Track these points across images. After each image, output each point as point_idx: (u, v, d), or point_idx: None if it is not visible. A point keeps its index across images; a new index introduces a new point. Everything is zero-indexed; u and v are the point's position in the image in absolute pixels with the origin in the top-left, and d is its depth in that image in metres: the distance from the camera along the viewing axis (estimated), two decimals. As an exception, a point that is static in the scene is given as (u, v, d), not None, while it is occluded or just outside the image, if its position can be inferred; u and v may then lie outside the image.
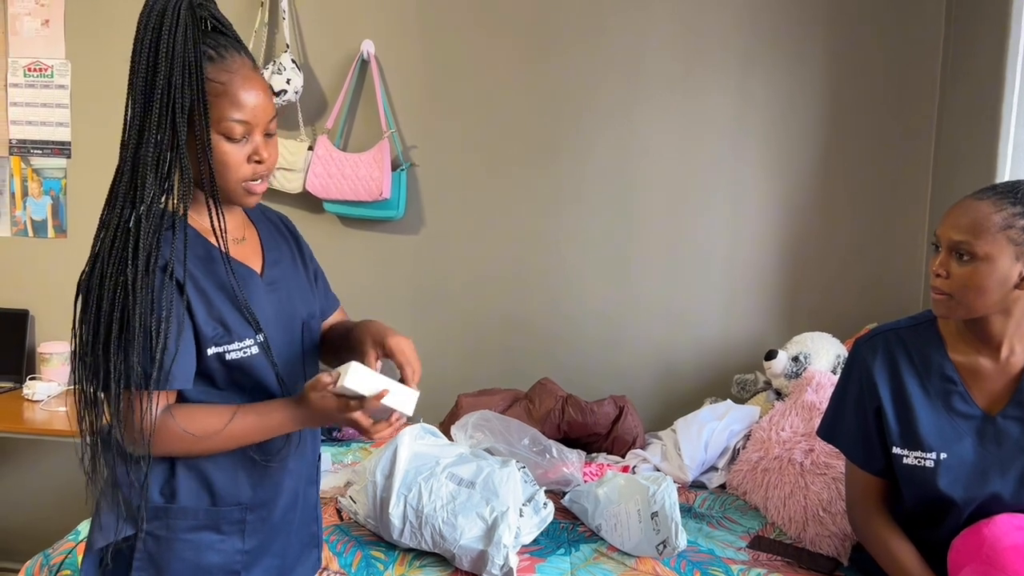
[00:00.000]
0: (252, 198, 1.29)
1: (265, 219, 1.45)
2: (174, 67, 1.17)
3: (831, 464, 1.99)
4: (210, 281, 1.26)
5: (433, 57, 2.80)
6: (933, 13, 2.60)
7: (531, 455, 2.17)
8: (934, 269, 1.48)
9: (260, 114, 1.24)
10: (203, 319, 1.24)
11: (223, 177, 1.23)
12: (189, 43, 1.18)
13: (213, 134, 1.21)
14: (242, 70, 1.23)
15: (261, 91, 1.24)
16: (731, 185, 2.73)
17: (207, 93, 1.19)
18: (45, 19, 2.92)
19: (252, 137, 1.24)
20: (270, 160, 1.28)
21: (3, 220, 3.03)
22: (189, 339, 1.23)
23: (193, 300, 1.23)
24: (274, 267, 1.37)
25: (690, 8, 2.69)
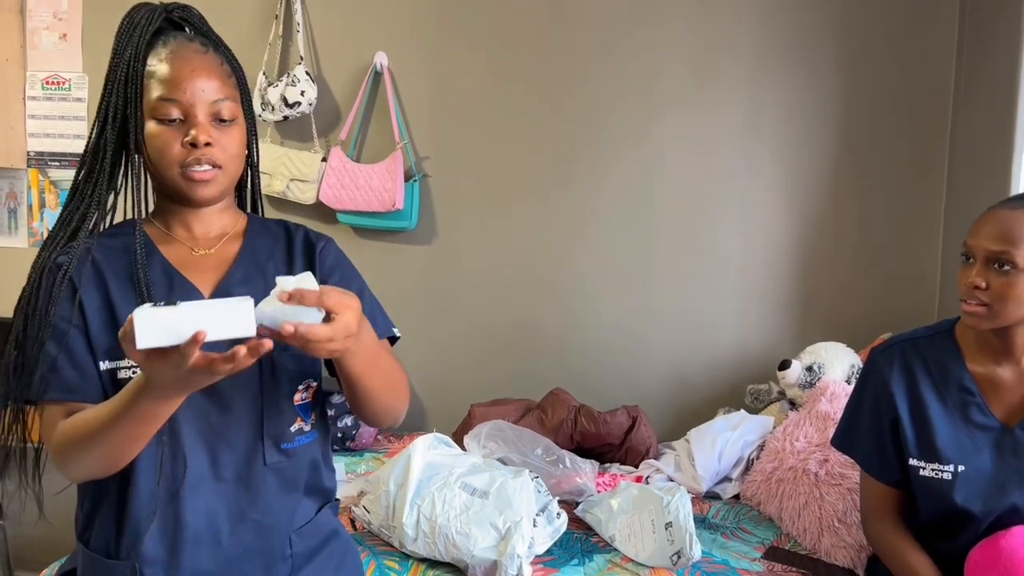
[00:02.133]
0: (196, 187, 1.18)
1: (266, 234, 1.32)
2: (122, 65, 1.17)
3: (846, 474, 1.98)
4: (131, 288, 1.17)
5: (446, 69, 2.81)
6: (945, 24, 2.59)
7: (544, 465, 2.16)
8: (972, 281, 1.45)
9: (195, 93, 1.16)
10: (98, 328, 1.15)
11: (158, 164, 1.17)
12: (143, 41, 1.17)
13: (147, 119, 1.17)
14: (181, 50, 1.18)
15: (200, 70, 1.17)
16: (744, 196, 2.73)
17: (143, 78, 1.16)
18: (63, 33, 2.96)
19: (190, 120, 1.16)
20: (217, 146, 1.17)
21: (20, 231, 3.06)
22: (76, 348, 1.14)
23: (91, 306, 1.15)
24: (235, 288, 1.22)
25: (701, 24, 2.69)
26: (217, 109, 1.18)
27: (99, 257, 1.19)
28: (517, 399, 2.62)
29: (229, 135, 1.19)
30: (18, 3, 2.94)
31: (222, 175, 1.20)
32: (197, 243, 1.25)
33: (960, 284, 1.49)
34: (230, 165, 1.21)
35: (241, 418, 1.19)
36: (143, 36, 1.17)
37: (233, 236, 1.28)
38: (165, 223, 1.26)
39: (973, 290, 1.45)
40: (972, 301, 1.46)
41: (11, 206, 3.06)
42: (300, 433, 1.25)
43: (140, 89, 1.16)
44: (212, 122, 1.17)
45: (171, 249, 1.23)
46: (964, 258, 1.50)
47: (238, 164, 1.23)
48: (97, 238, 1.20)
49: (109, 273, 1.18)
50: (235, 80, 1.24)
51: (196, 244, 1.25)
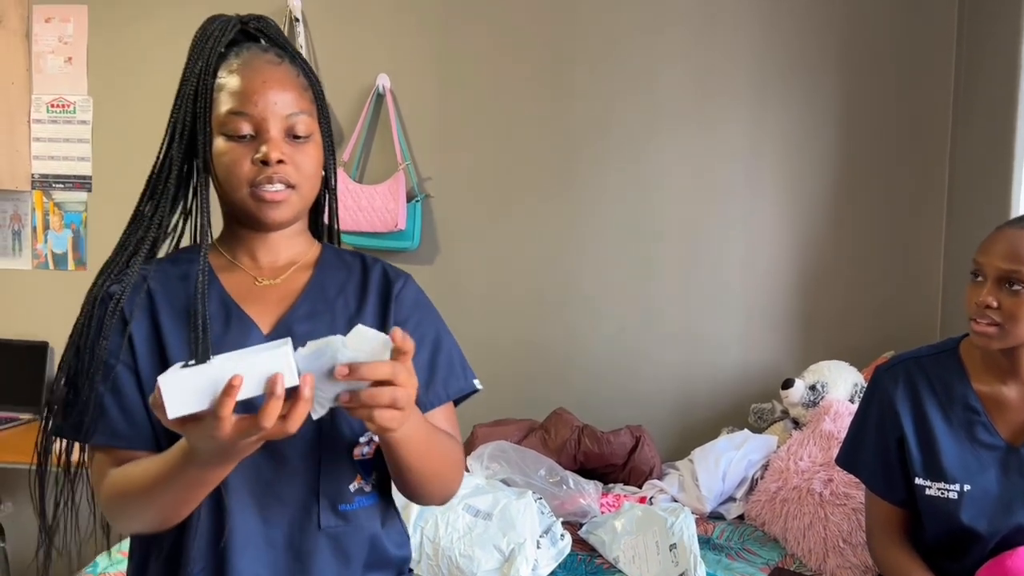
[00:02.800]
0: (267, 208, 1.06)
1: (339, 266, 1.18)
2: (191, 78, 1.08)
3: (851, 494, 1.97)
4: (185, 324, 1.06)
5: (448, 91, 2.83)
6: (943, 45, 2.62)
7: (548, 486, 2.16)
8: (983, 300, 1.44)
9: (268, 106, 1.05)
10: (148, 365, 1.05)
11: (227, 183, 1.06)
12: (214, 53, 1.08)
13: (216, 135, 1.07)
14: (253, 61, 1.08)
15: (273, 81, 1.07)
16: (746, 214, 2.74)
17: (214, 91, 1.07)
18: (68, 56, 2.98)
19: (262, 135, 1.05)
20: (291, 164, 1.06)
21: (24, 253, 3.07)
22: (125, 388, 1.04)
23: (141, 341, 1.06)
24: (299, 323, 1.09)
25: (702, 42, 2.71)
26: (291, 124, 1.07)
27: (155, 286, 1.09)
28: (520, 419, 2.61)
29: (304, 152, 1.08)
30: (24, 27, 2.97)
31: (295, 196, 1.08)
32: (262, 272, 1.13)
33: (969, 302, 1.48)
34: (305, 185, 1.09)
35: (296, 473, 1.06)
36: (215, 48, 1.08)
37: (302, 266, 1.16)
38: (230, 249, 1.15)
39: (984, 309, 1.44)
40: (983, 320, 1.45)
41: (15, 228, 3.07)
42: (360, 493, 1.10)
43: (209, 103, 1.06)
44: (286, 138, 1.07)
45: (232, 278, 1.12)
46: (973, 276, 1.49)
47: (313, 185, 1.12)
48: (155, 265, 1.11)
49: (163, 304, 1.08)
50: (312, 94, 1.13)
51: (261, 273, 1.13)
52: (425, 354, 1.15)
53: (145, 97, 2.90)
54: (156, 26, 2.89)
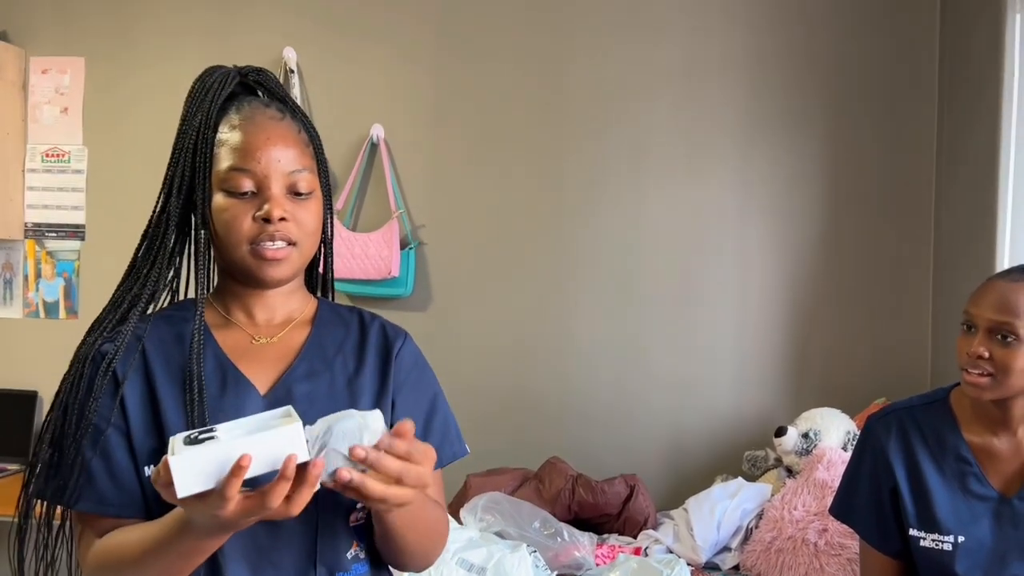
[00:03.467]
0: (267, 266, 1.04)
1: (337, 323, 1.16)
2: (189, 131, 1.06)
3: (846, 544, 1.97)
4: (180, 385, 1.03)
5: (440, 141, 2.87)
6: (927, 97, 2.67)
7: (542, 538, 2.14)
8: (975, 351, 1.44)
9: (270, 163, 1.03)
10: (141, 428, 1.01)
11: (226, 240, 1.04)
12: (214, 106, 1.06)
13: (215, 191, 1.04)
14: (255, 116, 1.07)
15: (276, 138, 1.05)
16: (736, 264, 2.77)
17: (214, 146, 1.05)
18: (64, 107, 3.01)
19: (263, 192, 1.03)
20: (293, 221, 1.04)
21: (15, 302, 3.06)
22: (115, 453, 1.00)
23: (134, 403, 1.02)
24: (298, 384, 1.07)
25: (690, 98, 2.77)
26: (293, 181, 1.05)
27: (149, 346, 1.05)
28: (514, 468, 2.60)
29: (306, 209, 1.06)
30: (21, 79, 3.00)
31: (296, 254, 1.06)
32: (258, 330, 1.10)
33: (960, 353, 1.49)
34: (306, 243, 1.07)
35: (293, 540, 1.02)
36: (215, 101, 1.06)
37: (300, 323, 1.12)
38: (225, 306, 1.11)
39: (977, 360, 1.45)
40: (975, 371, 1.46)
41: (7, 277, 3.07)
42: (356, 560, 1.06)
43: (209, 158, 1.05)
44: (287, 195, 1.05)
45: (228, 336, 1.08)
46: (965, 327, 1.50)
47: (314, 242, 1.09)
48: (149, 322, 1.07)
49: (157, 364, 1.04)
50: (312, 150, 1.12)
51: (257, 331, 1.10)
52: (420, 418, 1.12)
53: (139, 148, 2.93)
54: (151, 78, 2.93)
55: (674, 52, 2.77)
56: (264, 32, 2.87)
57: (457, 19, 2.86)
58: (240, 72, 1.12)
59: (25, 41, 3.02)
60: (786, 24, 2.73)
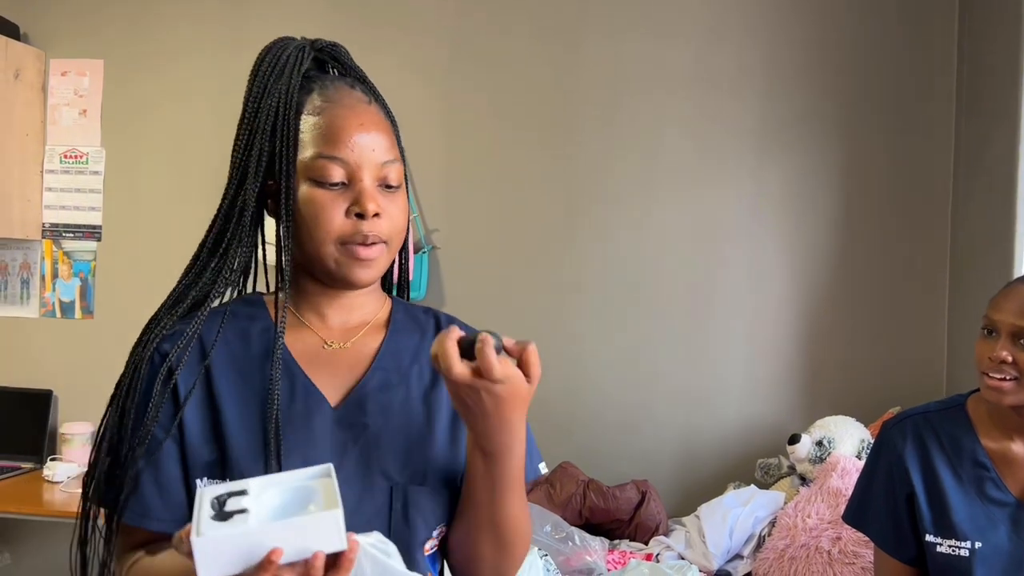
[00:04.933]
0: (357, 267, 0.94)
1: (412, 327, 1.05)
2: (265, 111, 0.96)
3: (859, 553, 1.95)
4: (247, 390, 0.94)
5: (454, 145, 2.88)
6: (944, 100, 2.66)
7: (553, 542, 2.13)
8: (999, 356, 1.43)
9: (365, 153, 0.93)
10: (198, 438, 0.93)
11: (310, 235, 0.93)
12: (294, 85, 0.96)
13: (300, 180, 0.94)
14: (345, 99, 0.97)
15: (370, 125, 0.95)
16: (749, 269, 2.76)
17: (298, 131, 0.95)
18: (83, 109, 3.04)
19: (355, 184, 0.93)
20: (385, 217, 0.94)
21: (32, 302, 3.09)
22: (165, 464, 0.92)
23: (192, 409, 0.93)
24: (371, 397, 0.97)
25: (703, 104, 2.77)
26: (385, 173, 0.95)
27: (211, 345, 0.96)
28: (525, 473, 2.59)
29: (397, 204, 0.96)
30: (41, 80, 3.04)
31: (386, 253, 0.96)
32: (331, 333, 1.00)
33: (982, 358, 1.48)
34: (395, 240, 0.97)
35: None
36: (294, 77, 0.96)
37: (374, 327, 1.02)
38: (295, 304, 1.01)
39: (1000, 365, 1.45)
40: (997, 375, 1.45)
41: (24, 276, 3.10)
42: None
43: (294, 143, 0.94)
44: (378, 188, 0.94)
45: (298, 339, 0.98)
46: (985, 332, 1.50)
47: (401, 239, 0.99)
48: (214, 319, 0.98)
49: (220, 367, 0.95)
50: (396, 138, 1.02)
51: (330, 335, 1.00)
52: None
53: (156, 150, 2.96)
54: (169, 82, 2.96)
55: (688, 57, 2.77)
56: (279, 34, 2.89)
57: (470, 24, 2.87)
58: (314, 45, 1.02)
59: (45, 43, 3.05)
60: (801, 30, 2.73)
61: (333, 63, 1.03)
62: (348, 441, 0.94)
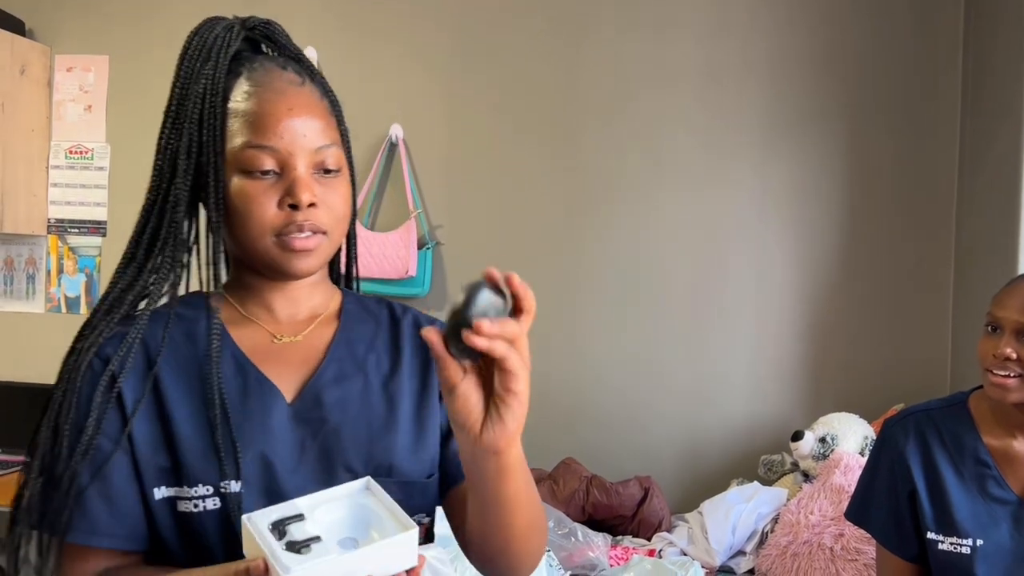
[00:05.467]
0: (295, 259, 0.89)
1: (365, 317, 1.01)
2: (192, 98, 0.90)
3: (862, 550, 1.95)
4: (198, 391, 0.89)
5: (459, 141, 2.88)
6: (949, 98, 2.65)
7: (556, 538, 2.14)
8: (1003, 352, 1.43)
9: (296, 139, 0.88)
10: (148, 445, 0.87)
11: (244, 229, 0.89)
12: (221, 69, 0.91)
13: (231, 171, 0.89)
14: (274, 82, 0.91)
15: (301, 109, 0.90)
16: (754, 266, 2.75)
17: (225, 118, 0.89)
18: (88, 104, 3.05)
19: (287, 173, 0.88)
20: (323, 206, 0.89)
21: (38, 297, 3.10)
22: (113, 475, 0.86)
23: (140, 416, 0.87)
24: (328, 389, 0.93)
25: (709, 99, 2.76)
26: (321, 158, 0.90)
27: (155, 347, 0.90)
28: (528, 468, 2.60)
29: (335, 191, 0.91)
30: (47, 76, 3.04)
31: (327, 243, 0.91)
32: (280, 327, 0.96)
33: (985, 355, 1.48)
34: (336, 229, 0.92)
35: None
36: (221, 61, 0.91)
37: (325, 319, 0.98)
38: (241, 300, 0.97)
39: (1004, 362, 1.44)
40: (1001, 372, 1.45)
41: (30, 272, 3.11)
42: None
43: (220, 132, 0.89)
44: (314, 175, 0.90)
45: (246, 334, 0.94)
46: (989, 329, 1.50)
47: (344, 227, 0.95)
48: (155, 320, 0.92)
49: (166, 369, 0.90)
50: (336, 119, 0.97)
51: (279, 328, 0.96)
52: None
53: (162, 144, 2.96)
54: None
55: (694, 54, 2.77)
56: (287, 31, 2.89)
57: (476, 20, 2.87)
58: (244, 24, 0.96)
59: (50, 39, 3.06)
60: (807, 28, 2.72)
61: (266, 42, 0.98)
62: (307, 437, 0.90)
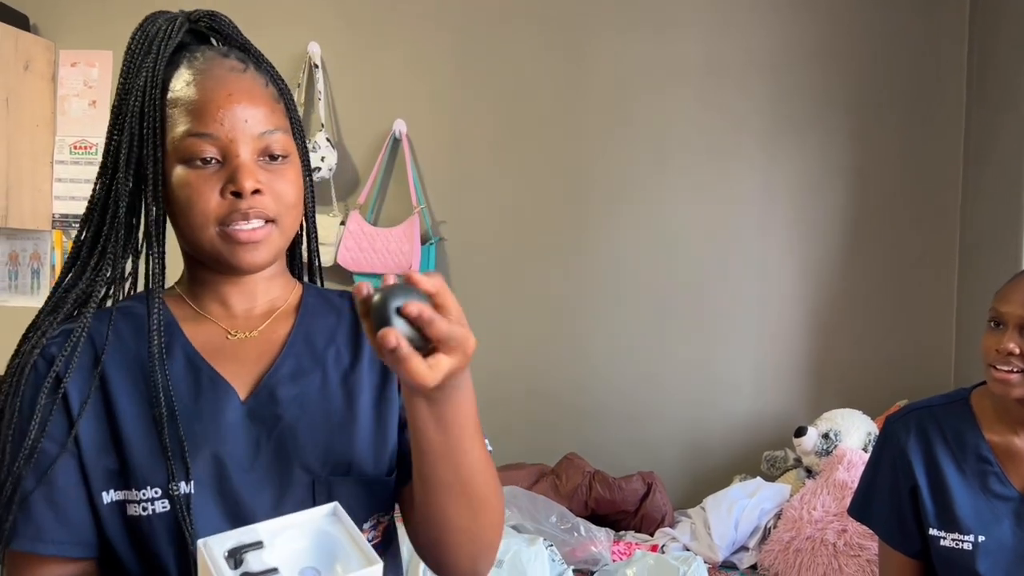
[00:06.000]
0: (241, 251, 0.86)
1: (326, 311, 0.98)
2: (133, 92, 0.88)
3: (865, 545, 1.95)
4: (142, 391, 0.86)
5: (463, 136, 2.88)
6: (954, 96, 2.64)
7: (559, 533, 2.14)
8: (1006, 347, 1.43)
9: (237, 125, 0.86)
10: (94, 447, 0.84)
11: (187, 221, 0.86)
12: (161, 60, 0.89)
13: (172, 163, 0.87)
14: (214, 70, 0.88)
15: (241, 94, 0.87)
16: (758, 262, 2.75)
17: (164, 109, 0.87)
18: (93, 100, 3.05)
19: (230, 161, 0.85)
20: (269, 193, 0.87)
21: (42, 292, 3.11)
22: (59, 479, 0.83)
23: (87, 417, 0.84)
24: (283, 385, 0.90)
25: (714, 94, 2.76)
26: (265, 144, 0.87)
27: (101, 346, 0.88)
28: (531, 464, 2.60)
29: (282, 177, 0.88)
30: (51, 72, 3.05)
31: (276, 233, 0.89)
32: (236, 323, 0.93)
33: (988, 350, 1.48)
34: (286, 218, 0.89)
35: None
36: (161, 53, 0.89)
37: (283, 314, 0.95)
38: (194, 296, 0.94)
39: (1007, 357, 1.44)
40: (1004, 368, 1.45)
41: (34, 267, 3.12)
42: None
43: (160, 123, 0.87)
44: (259, 161, 0.87)
45: (199, 331, 0.92)
46: (992, 324, 1.49)
47: (296, 216, 0.92)
48: (101, 319, 0.90)
49: (113, 367, 0.87)
50: (284, 106, 0.94)
51: (234, 324, 0.93)
52: None
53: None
54: (179, 71, 2.96)
55: (697, 50, 2.76)
56: (289, 27, 2.89)
57: (479, 16, 2.86)
58: (189, 17, 0.94)
59: (54, 34, 3.06)
60: (811, 23, 2.71)
61: (212, 34, 0.96)
62: (261, 435, 0.87)
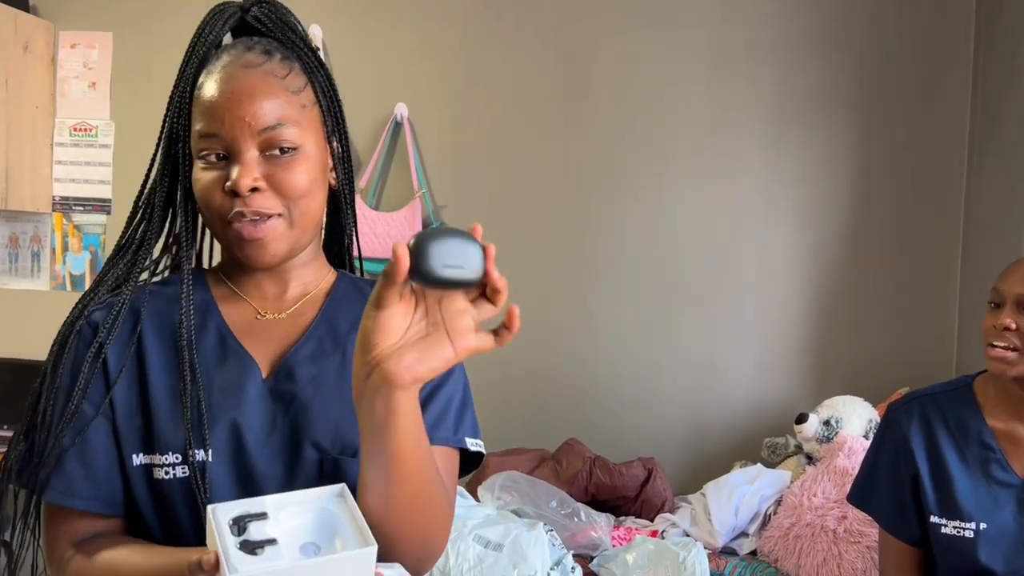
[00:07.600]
0: (250, 248, 0.89)
1: (355, 297, 1.00)
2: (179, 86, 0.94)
3: (865, 532, 1.95)
4: (170, 361, 0.91)
5: (464, 120, 2.86)
6: (960, 85, 2.63)
7: (559, 518, 2.15)
8: (1002, 323, 1.44)
9: (237, 124, 0.87)
10: (127, 411, 0.89)
11: (204, 215, 0.92)
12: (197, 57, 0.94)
13: (194, 159, 0.91)
14: (227, 67, 0.90)
15: (244, 92, 0.88)
16: (762, 249, 2.74)
17: (190, 107, 0.92)
18: (92, 82, 3.03)
19: (235, 157, 0.88)
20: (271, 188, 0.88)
21: (43, 274, 3.10)
22: (92, 438, 0.88)
23: (122, 382, 0.90)
24: (302, 365, 0.93)
25: (719, 82, 2.74)
26: (271, 139, 0.88)
27: (143, 318, 0.93)
28: (532, 449, 2.61)
29: (290, 170, 0.89)
30: (50, 53, 3.03)
31: (284, 227, 0.90)
32: (267, 304, 0.97)
33: (988, 329, 1.48)
34: (296, 209, 0.90)
35: None
36: (200, 49, 0.94)
37: (313, 298, 0.99)
38: (233, 277, 0.99)
39: (1003, 332, 1.44)
40: (1000, 344, 1.45)
41: (34, 249, 3.11)
42: None
43: (189, 121, 0.91)
44: (264, 156, 0.88)
45: (234, 310, 0.96)
46: (992, 305, 1.50)
47: (309, 204, 0.92)
48: (145, 292, 0.96)
49: (150, 337, 0.93)
50: (313, 93, 0.95)
51: (266, 305, 0.97)
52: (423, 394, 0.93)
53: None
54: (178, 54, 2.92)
55: (701, 38, 2.74)
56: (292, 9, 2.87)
57: (482, 2, 2.84)
58: (242, 7, 0.96)
59: (54, 15, 3.04)
60: (815, 11, 2.69)
61: (258, 24, 0.98)
62: (278, 412, 0.91)
